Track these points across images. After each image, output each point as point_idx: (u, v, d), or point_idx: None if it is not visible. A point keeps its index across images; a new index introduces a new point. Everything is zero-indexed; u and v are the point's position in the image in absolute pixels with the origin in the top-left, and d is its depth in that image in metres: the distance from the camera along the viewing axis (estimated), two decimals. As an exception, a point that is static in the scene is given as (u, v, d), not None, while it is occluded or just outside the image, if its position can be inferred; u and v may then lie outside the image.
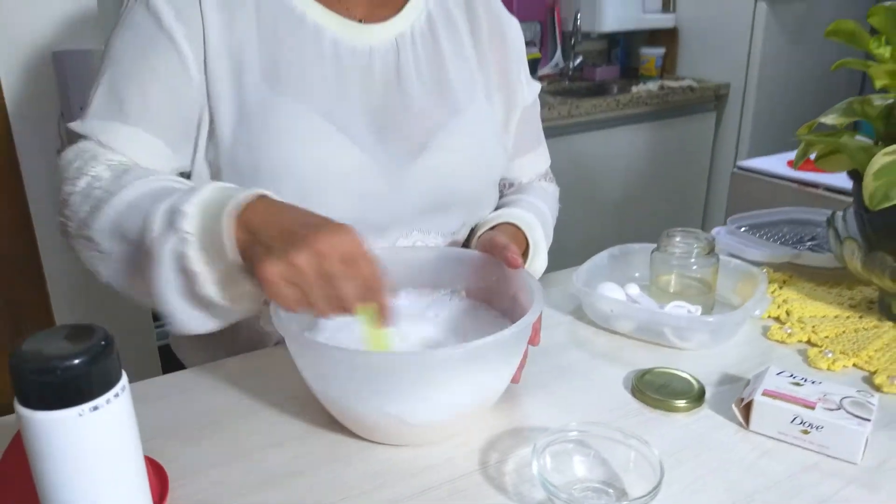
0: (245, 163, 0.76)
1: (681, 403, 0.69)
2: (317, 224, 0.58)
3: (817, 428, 0.63)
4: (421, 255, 0.80)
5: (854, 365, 0.77)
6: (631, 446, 0.58)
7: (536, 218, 0.89)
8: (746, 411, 0.66)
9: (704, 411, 0.70)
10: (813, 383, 0.67)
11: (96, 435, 0.43)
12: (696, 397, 0.70)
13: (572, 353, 0.81)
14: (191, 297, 0.64)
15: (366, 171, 0.79)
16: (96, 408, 0.42)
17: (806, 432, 0.63)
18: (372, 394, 0.60)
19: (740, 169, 1.79)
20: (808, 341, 0.82)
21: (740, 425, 0.67)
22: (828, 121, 0.87)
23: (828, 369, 0.77)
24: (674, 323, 0.80)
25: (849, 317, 0.87)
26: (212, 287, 0.62)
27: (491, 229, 0.86)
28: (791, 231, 1.15)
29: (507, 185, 1.00)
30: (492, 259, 0.76)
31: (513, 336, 0.60)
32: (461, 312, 0.76)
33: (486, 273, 0.77)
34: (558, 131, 2.28)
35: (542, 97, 1.09)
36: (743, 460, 0.63)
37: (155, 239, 0.62)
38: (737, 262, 0.93)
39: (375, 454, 0.64)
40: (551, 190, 1.04)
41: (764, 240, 1.09)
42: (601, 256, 0.94)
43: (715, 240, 0.90)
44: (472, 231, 0.91)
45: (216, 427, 0.68)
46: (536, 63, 2.75)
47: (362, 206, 0.80)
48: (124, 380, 0.45)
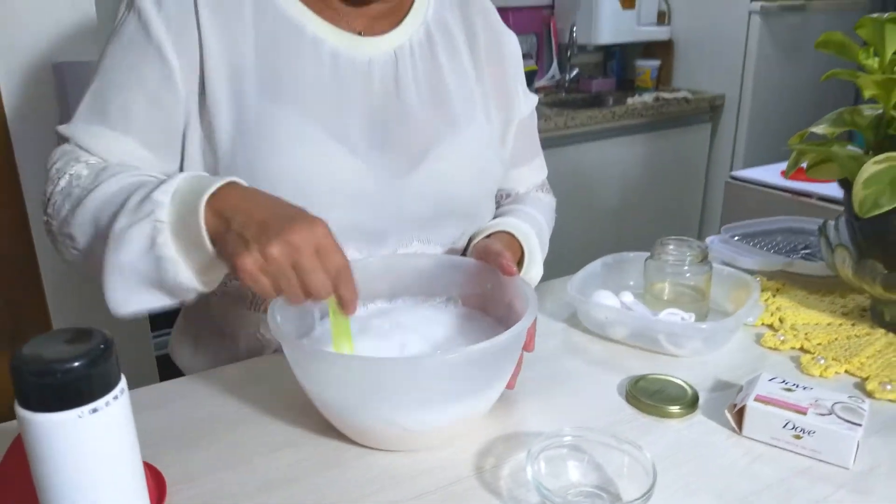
0: (243, 172, 0.76)
1: (674, 409, 0.70)
2: (290, 216, 0.61)
3: (809, 433, 0.63)
4: (416, 262, 0.81)
5: (846, 371, 0.78)
6: (624, 451, 0.59)
7: (532, 227, 0.89)
8: (739, 417, 0.67)
9: (698, 417, 0.70)
10: (805, 389, 0.68)
11: (95, 436, 0.43)
12: (690, 403, 0.71)
13: (567, 360, 0.82)
14: (151, 281, 0.65)
15: (364, 181, 0.80)
16: (95, 410, 0.43)
17: (798, 437, 0.64)
18: (367, 399, 0.61)
19: (734, 179, 1.80)
20: (801, 348, 0.83)
21: (733, 431, 0.68)
22: (819, 130, 0.88)
23: (820, 376, 0.77)
24: (668, 330, 0.81)
25: (841, 324, 0.88)
26: (186, 273, 0.64)
27: (486, 237, 0.86)
28: (785, 240, 1.15)
29: (504, 195, 1.01)
30: (487, 266, 0.76)
31: (507, 342, 0.61)
32: (457, 320, 0.77)
33: (482, 280, 0.78)
34: (555, 142, 2.30)
35: (539, 109, 1.10)
36: (735, 465, 0.63)
37: (124, 226, 0.64)
38: (730, 270, 0.94)
39: (372, 460, 0.64)
40: (548, 200, 1.04)
41: (758, 248, 1.10)
42: (595, 265, 0.95)
43: (708, 248, 0.91)
44: (469, 239, 0.91)
45: (214, 433, 0.68)
46: (533, 75, 2.77)
47: (361, 215, 0.80)
48: (123, 382, 0.45)
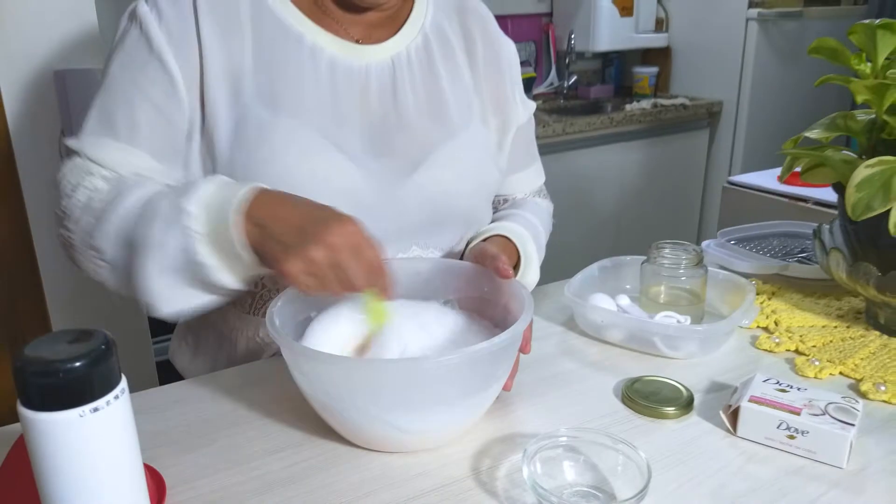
0: (241, 179, 0.77)
1: (670, 410, 0.71)
2: (324, 218, 0.65)
3: (803, 433, 0.64)
4: (413, 265, 0.81)
5: (840, 373, 0.79)
6: (619, 451, 0.60)
7: (528, 231, 0.90)
8: (734, 417, 0.67)
9: (693, 418, 0.71)
10: (799, 390, 0.68)
11: (96, 435, 0.44)
12: (685, 404, 0.71)
13: (563, 362, 0.82)
14: (192, 283, 0.69)
15: (362, 188, 0.81)
16: (97, 409, 0.43)
17: (792, 437, 0.64)
18: (364, 401, 0.62)
19: (731, 184, 1.81)
20: (796, 350, 0.84)
21: (728, 431, 0.68)
22: (812, 135, 0.89)
23: (815, 377, 0.78)
24: (663, 332, 0.81)
25: (836, 326, 0.88)
26: (228, 276, 0.68)
27: (483, 241, 0.87)
28: (781, 244, 1.16)
29: (502, 200, 1.02)
30: (483, 269, 0.77)
31: (504, 343, 0.61)
32: (454, 322, 0.78)
33: (478, 283, 0.78)
34: (553, 149, 2.31)
35: (538, 115, 1.11)
36: (730, 465, 0.64)
37: (159, 234, 0.68)
38: (725, 273, 0.95)
39: (369, 461, 0.65)
40: (545, 205, 1.05)
41: (754, 252, 1.11)
42: (592, 268, 0.96)
43: (703, 251, 0.92)
44: (466, 243, 0.92)
45: (213, 435, 0.69)
46: (531, 82, 2.78)
47: (359, 221, 0.81)
48: (124, 382, 0.46)
